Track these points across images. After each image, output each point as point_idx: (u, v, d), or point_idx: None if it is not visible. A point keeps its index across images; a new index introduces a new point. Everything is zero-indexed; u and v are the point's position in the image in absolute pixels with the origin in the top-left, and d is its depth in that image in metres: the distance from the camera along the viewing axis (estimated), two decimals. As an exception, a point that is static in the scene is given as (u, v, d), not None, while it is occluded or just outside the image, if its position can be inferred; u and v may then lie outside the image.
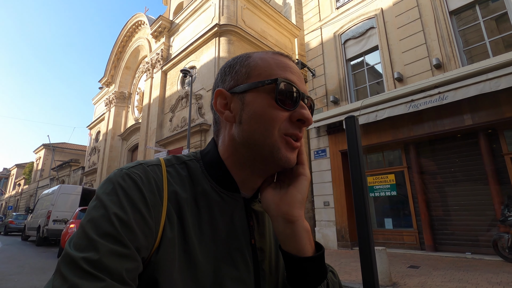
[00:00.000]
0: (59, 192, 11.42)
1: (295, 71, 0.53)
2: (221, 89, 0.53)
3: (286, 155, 0.49)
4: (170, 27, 16.29)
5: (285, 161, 0.49)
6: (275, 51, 0.56)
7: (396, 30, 8.16)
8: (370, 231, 0.54)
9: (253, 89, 0.50)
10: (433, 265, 5.51)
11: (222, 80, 0.54)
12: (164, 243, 0.43)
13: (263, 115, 0.48)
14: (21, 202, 37.78)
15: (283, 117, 0.49)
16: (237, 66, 0.53)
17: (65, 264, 0.36)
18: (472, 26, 7.08)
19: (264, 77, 0.50)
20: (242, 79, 0.51)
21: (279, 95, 0.48)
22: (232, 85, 0.52)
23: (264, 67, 0.51)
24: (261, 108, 0.49)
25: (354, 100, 8.87)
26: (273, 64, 0.51)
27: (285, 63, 0.53)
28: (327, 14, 10.15)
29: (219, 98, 0.53)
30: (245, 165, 0.52)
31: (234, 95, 0.52)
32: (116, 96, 21.19)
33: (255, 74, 0.51)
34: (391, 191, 7.84)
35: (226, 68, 0.55)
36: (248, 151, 0.50)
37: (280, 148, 0.49)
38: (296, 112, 0.50)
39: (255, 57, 0.53)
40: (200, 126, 11.90)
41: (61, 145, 37.25)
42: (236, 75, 0.52)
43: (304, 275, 0.47)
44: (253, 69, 0.51)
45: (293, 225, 0.48)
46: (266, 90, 0.49)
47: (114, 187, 0.43)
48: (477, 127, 6.49)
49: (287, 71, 0.51)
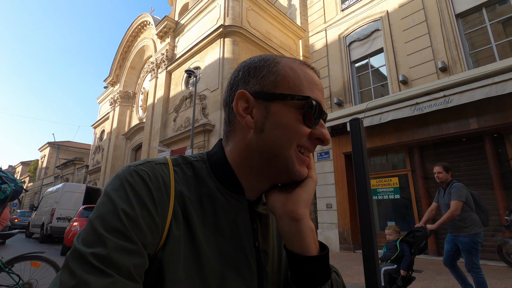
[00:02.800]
0: (63, 190, 11.49)
1: (320, 88, 0.53)
2: (244, 91, 0.51)
3: (300, 170, 0.51)
4: (175, 27, 16.38)
5: (298, 176, 0.51)
6: (302, 61, 0.55)
7: (402, 33, 8.12)
8: (374, 234, 0.53)
9: (280, 100, 0.49)
10: (436, 270, 5.45)
11: (245, 81, 0.53)
12: (170, 241, 0.43)
13: (289, 128, 0.49)
14: (25, 199, 38.13)
15: (305, 133, 0.50)
16: (264, 71, 0.51)
17: (73, 259, 0.37)
18: (478, 29, 7.02)
19: (294, 91, 0.50)
20: (270, 87, 0.50)
21: (307, 113, 0.49)
22: (257, 89, 0.51)
23: (294, 79, 0.51)
24: (288, 122, 0.49)
25: (359, 103, 8.83)
26: (302, 78, 0.51)
27: (313, 78, 0.53)
28: (332, 16, 10.14)
29: (241, 101, 0.51)
30: (256, 172, 0.52)
31: (258, 100, 0.50)
32: (121, 95, 21.36)
33: (283, 85, 0.50)
34: (394, 195, 7.78)
35: (250, 69, 0.53)
36: (262, 160, 0.51)
37: (294, 162, 0.50)
38: (317, 130, 0.51)
39: (284, 65, 0.52)
40: (204, 127, 11.93)
41: (66, 143, 37.60)
42: (263, 80, 0.51)
43: (309, 275, 0.48)
44: (282, 78, 0.50)
45: (298, 224, 0.48)
46: (294, 104, 0.49)
47: (122, 184, 0.43)
48: (483, 131, 6.43)
49: (315, 88, 0.52)
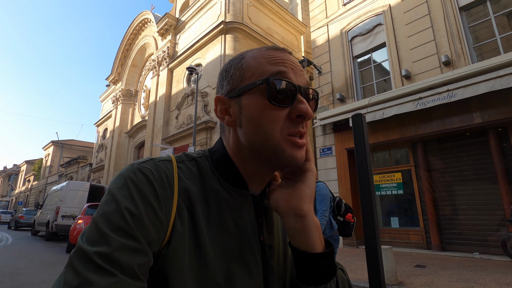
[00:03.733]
0: (67, 189, 11.60)
1: (288, 63, 0.50)
2: (219, 95, 0.53)
3: (292, 154, 0.48)
4: (176, 24, 16.33)
5: (292, 160, 0.48)
6: (270, 46, 0.53)
7: (404, 27, 8.04)
8: (377, 230, 0.53)
9: (247, 92, 0.49)
10: (440, 265, 5.46)
11: (221, 86, 0.54)
12: (175, 237, 0.43)
13: (260, 118, 0.47)
14: (30, 197, 38.53)
15: (282, 116, 0.47)
16: (232, 70, 0.52)
17: (77, 258, 0.37)
18: (482, 22, 6.93)
19: (257, 77, 0.49)
20: (237, 83, 0.51)
21: (272, 93, 0.46)
22: (229, 89, 0.52)
23: (256, 67, 0.50)
24: (256, 110, 0.48)
25: (361, 98, 8.79)
26: (264, 62, 0.50)
27: (277, 56, 0.50)
28: (334, 11, 10.06)
29: (219, 104, 0.53)
30: (251, 163, 0.52)
31: (231, 99, 0.51)
32: (123, 93, 21.39)
33: (248, 76, 0.50)
34: (397, 190, 7.77)
35: (223, 73, 0.55)
36: (252, 153, 0.51)
37: (284, 149, 0.47)
38: (293, 108, 0.48)
39: (248, 57, 0.52)
40: (206, 124, 11.94)
41: (69, 142, 37.85)
42: (232, 79, 0.52)
43: (314, 272, 0.47)
44: (246, 70, 0.50)
45: (304, 220, 0.48)
46: (260, 90, 0.48)
47: (126, 182, 0.43)
48: (487, 125, 6.38)
49: (279, 64, 0.49)
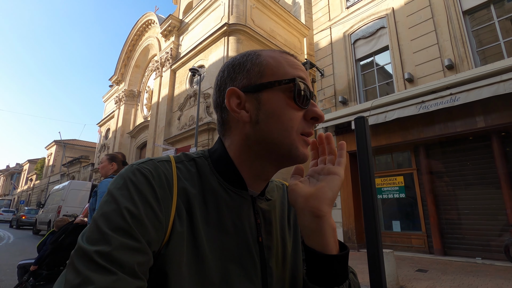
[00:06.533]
0: (69, 188, 11.66)
1: (303, 69, 0.54)
2: (234, 88, 0.51)
3: (304, 152, 0.51)
4: (179, 26, 16.41)
5: (303, 158, 0.51)
6: (281, 50, 0.56)
7: (407, 30, 8.03)
8: (379, 234, 0.53)
9: (268, 88, 0.50)
10: (442, 269, 5.41)
11: (232, 79, 0.53)
12: (174, 237, 0.44)
13: (282, 115, 0.49)
14: (32, 196, 38.67)
15: (299, 116, 0.51)
16: (248, 64, 0.52)
17: (78, 257, 0.38)
18: (486, 26, 6.90)
19: (279, 76, 0.51)
20: (256, 78, 0.51)
21: (296, 94, 0.50)
22: (245, 83, 0.52)
23: (276, 66, 0.52)
24: (279, 107, 0.50)
25: (363, 101, 8.77)
26: (284, 63, 0.52)
27: (294, 61, 0.54)
28: (337, 14, 10.06)
29: (233, 98, 0.51)
30: (257, 161, 0.52)
31: (247, 94, 0.51)
32: (126, 94, 21.49)
33: (269, 73, 0.51)
34: (399, 193, 7.72)
35: (235, 66, 0.54)
36: (262, 148, 0.51)
37: (298, 147, 0.50)
38: (309, 110, 0.52)
39: (266, 55, 0.53)
40: (208, 125, 11.97)
41: (72, 141, 38.00)
42: (249, 73, 0.52)
43: (327, 273, 0.47)
44: (266, 67, 0.52)
45: (320, 220, 0.48)
46: (282, 89, 0.50)
47: (125, 182, 0.44)
48: (490, 129, 6.34)
49: (299, 69, 0.52)
